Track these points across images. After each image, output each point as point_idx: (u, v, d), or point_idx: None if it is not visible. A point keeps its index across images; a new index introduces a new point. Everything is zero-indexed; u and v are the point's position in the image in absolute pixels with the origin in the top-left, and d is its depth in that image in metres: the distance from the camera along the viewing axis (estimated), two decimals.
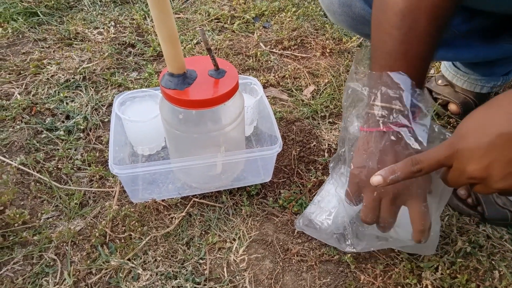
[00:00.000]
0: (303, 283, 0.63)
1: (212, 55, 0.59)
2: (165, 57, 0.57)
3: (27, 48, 1.07)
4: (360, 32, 0.79)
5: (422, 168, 0.45)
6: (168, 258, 0.64)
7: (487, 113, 0.41)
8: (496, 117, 0.40)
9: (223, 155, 0.66)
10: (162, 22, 0.53)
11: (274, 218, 0.72)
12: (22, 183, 0.75)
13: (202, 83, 0.60)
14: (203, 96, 0.58)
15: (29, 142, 0.82)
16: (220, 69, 0.61)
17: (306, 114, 0.92)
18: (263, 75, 1.03)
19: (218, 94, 0.59)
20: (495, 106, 0.41)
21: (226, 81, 0.61)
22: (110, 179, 0.76)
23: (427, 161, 0.44)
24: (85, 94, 0.94)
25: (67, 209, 0.70)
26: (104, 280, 0.61)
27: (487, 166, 0.40)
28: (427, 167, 0.45)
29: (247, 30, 1.20)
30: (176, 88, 0.58)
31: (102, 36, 1.13)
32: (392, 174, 0.46)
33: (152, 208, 0.71)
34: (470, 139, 0.41)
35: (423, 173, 0.45)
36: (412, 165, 0.45)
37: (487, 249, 0.67)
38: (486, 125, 0.40)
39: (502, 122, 0.39)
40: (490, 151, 0.40)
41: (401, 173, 0.45)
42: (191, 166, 0.66)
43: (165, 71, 0.61)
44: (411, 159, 0.45)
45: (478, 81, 0.87)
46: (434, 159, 0.44)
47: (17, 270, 0.62)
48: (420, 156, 0.45)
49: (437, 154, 0.44)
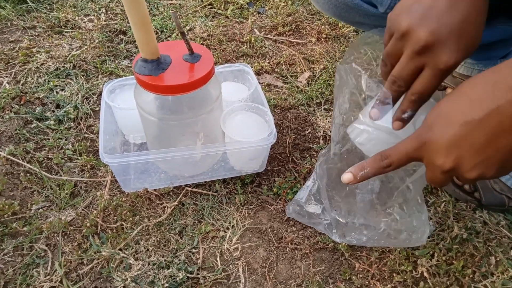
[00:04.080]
0: (298, 271, 0.62)
1: (186, 39, 0.57)
2: (138, 42, 0.55)
3: (16, 36, 1.05)
4: (346, 20, 0.77)
5: (391, 163, 0.43)
6: (160, 248, 0.63)
7: (451, 101, 0.39)
8: (460, 105, 0.38)
9: (222, 146, 0.64)
10: (133, 6, 0.50)
11: (268, 206, 0.71)
12: (12, 174, 0.73)
13: (177, 68, 0.58)
14: (178, 81, 0.57)
15: (19, 132, 0.80)
16: (195, 53, 0.60)
17: (301, 101, 0.91)
18: (257, 61, 1.01)
19: (194, 79, 0.57)
20: (458, 93, 0.39)
21: (201, 65, 0.59)
22: (102, 168, 0.75)
23: (396, 155, 0.43)
24: (75, 82, 0.92)
25: (58, 200, 0.69)
26: (96, 270, 0.60)
27: (456, 157, 0.38)
28: (396, 161, 0.43)
29: (241, 16, 1.18)
30: (151, 73, 0.57)
31: (92, 23, 1.10)
32: (362, 170, 0.45)
33: (144, 198, 0.70)
34: (435, 130, 0.39)
35: (392, 168, 0.44)
36: (381, 160, 0.44)
37: (484, 235, 0.67)
38: (450, 114, 0.38)
39: (465, 110, 0.37)
40: (456, 141, 0.38)
41: (370, 169, 0.45)
42: (191, 155, 0.65)
43: (138, 56, 0.59)
44: (380, 154, 0.44)
45: (475, 66, 0.85)
46: (402, 153, 0.43)
47: (7, 261, 0.61)
48: (389, 151, 0.44)
49: (405, 147, 0.42)
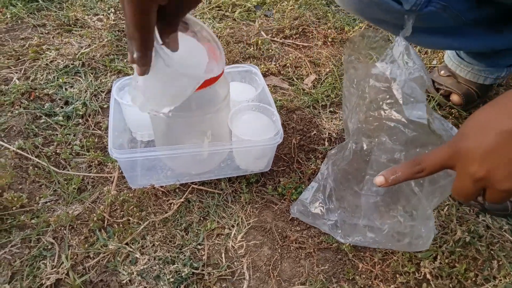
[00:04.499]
0: (301, 270, 0.63)
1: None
2: None
3: (26, 34, 1.06)
4: (366, 16, 0.77)
5: (423, 169, 0.44)
6: (166, 243, 0.64)
7: (489, 111, 0.40)
8: (498, 115, 0.39)
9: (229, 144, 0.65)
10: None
11: (273, 205, 0.72)
12: (20, 167, 0.74)
13: None
14: None
15: (28, 127, 0.81)
16: None
17: (307, 103, 0.92)
18: (264, 63, 1.02)
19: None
20: (496, 104, 0.40)
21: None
22: (109, 164, 0.76)
23: (429, 162, 0.44)
24: (84, 80, 0.93)
25: (65, 194, 0.70)
26: (102, 264, 0.61)
27: (490, 166, 0.39)
28: (429, 168, 0.44)
29: (248, 19, 1.19)
30: None
31: (101, 22, 1.12)
32: (393, 174, 0.46)
33: (151, 194, 0.70)
34: (471, 139, 0.40)
35: (424, 174, 0.45)
36: (413, 165, 0.44)
37: (486, 239, 0.67)
38: (487, 124, 0.39)
39: (503, 120, 0.38)
40: (491, 150, 0.38)
41: (402, 174, 0.45)
42: (199, 153, 0.66)
43: None
44: (413, 160, 0.45)
45: (482, 72, 0.86)
46: (436, 160, 0.43)
47: (14, 253, 0.62)
48: (422, 157, 0.44)
49: (440, 155, 0.43)
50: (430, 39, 0.72)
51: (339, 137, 0.84)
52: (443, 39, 0.72)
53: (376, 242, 0.63)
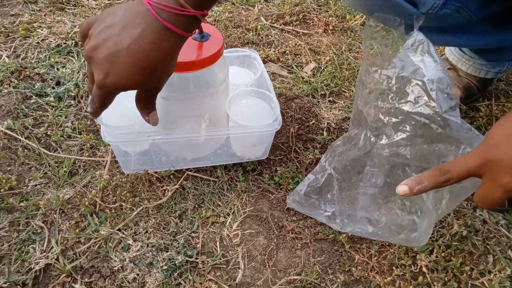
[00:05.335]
0: (297, 260, 0.62)
1: None
2: None
3: (17, 10, 1.02)
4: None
5: (450, 178, 0.43)
6: (160, 230, 0.63)
7: None
8: None
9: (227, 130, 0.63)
10: None
11: (269, 195, 0.70)
12: (9, 149, 0.72)
13: (185, 45, 0.57)
14: (186, 58, 0.55)
15: (17, 107, 0.78)
16: (204, 32, 0.59)
17: (306, 91, 0.90)
18: (262, 49, 1.00)
19: (202, 57, 0.56)
20: None
21: (210, 44, 0.58)
22: (101, 148, 0.74)
23: (456, 171, 0.43)
24: (77, 60, 0.90)
25: (56, 177, 0.68)
26: (93, 249, 0.60)
27: None
28: (456, 176, 0.43)
29: (247, 3, 1.16)
30: None
31: (96, 1, 1.08)
32: (419, 184, 0.44)
33: (145, 179, 0.69)
34: (503, 149, 0.40)
35: (451, 183, 0.44)
36: (440, 175, 0.43)
37: (483, 233, 0.67)
38: None
39: None
40: None
41: (429, 183, 0.44)
42: (195, 138, 0.64)
43: None
44: (439, 168, 0.44)
45: (484, 66, 0.85)
46: (463, 169, 0.42)
47: (2, 236, 0.60)
48: (449, 165, 0.43)
49: (467, 164, 0.42)
50: (438, 37, 0.71)
51: (338, 127, 0.83)
52: (451, 38, 0.71)
53: (373, 234, 0.62)
